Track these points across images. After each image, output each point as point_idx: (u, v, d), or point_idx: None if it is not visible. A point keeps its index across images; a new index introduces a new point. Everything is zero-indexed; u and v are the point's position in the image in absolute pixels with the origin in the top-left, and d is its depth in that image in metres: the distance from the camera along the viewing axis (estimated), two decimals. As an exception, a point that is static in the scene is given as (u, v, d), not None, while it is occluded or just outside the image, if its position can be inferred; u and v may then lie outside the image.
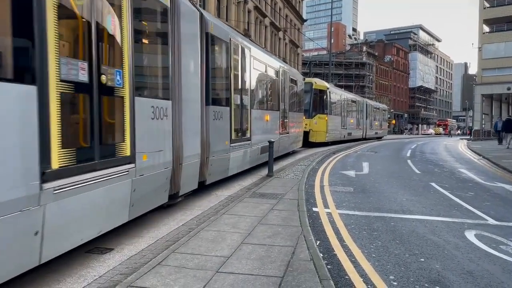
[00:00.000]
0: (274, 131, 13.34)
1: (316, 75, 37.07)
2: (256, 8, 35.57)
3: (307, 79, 22.80)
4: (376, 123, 41.53)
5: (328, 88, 24.56)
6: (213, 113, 7.92)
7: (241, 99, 9.83)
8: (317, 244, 5.26)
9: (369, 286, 4.08)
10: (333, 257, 4.87)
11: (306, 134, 21.28)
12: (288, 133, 15.36)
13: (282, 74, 14.57)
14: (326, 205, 7.70)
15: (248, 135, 10.38)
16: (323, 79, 34.00)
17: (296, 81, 17.29)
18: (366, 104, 36.68)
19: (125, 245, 5.14)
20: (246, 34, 31.22)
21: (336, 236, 5.73)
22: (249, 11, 34.23)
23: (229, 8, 30.21)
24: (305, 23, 58.94)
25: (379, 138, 41.52)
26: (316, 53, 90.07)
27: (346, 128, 28.93)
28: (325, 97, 24.15)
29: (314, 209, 7.39)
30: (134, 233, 5.62)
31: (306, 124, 21.25)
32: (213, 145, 7.96)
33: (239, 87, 9.75)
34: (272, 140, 11.40)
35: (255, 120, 10.95)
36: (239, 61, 9.81)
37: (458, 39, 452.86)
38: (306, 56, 73.08)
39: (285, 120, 15.02)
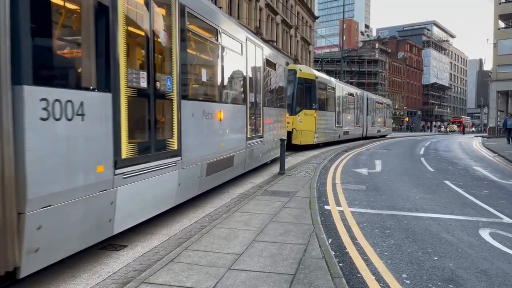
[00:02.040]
0: (236, 135, 8.83)
1: (328, 72, 36.03)
2: (268, 5, 35.51)
3: (290, 66, 18.18)
4: (379, 120, 37.33)
5: (317, 78, 20.13)
6: (44, 104, 3.48)
7: (152, 80, 5.17)
8: (329, 242, 5.25)
9: (381, 284, 4.07)
10: (345, 255, 4.87)
11: (289, 135, 16.78)
12: (261, 137, 10.82)
13: (252, 52, 10.04)
14: (338, 203, 7.68)
15: (173, 146, 5.80)
16: (336, 77, 33.25)
17: (275, 65, 12.70)
18: (367, 98, 32.52)
19: (138, 242, 5.21)
20: (258, 32, 31.23)
21: (348, 234, 5.72)
22: (260, 9, 34.20)
23: (240, 6, 30.23)
24: (317, 20, 58.63)
25: (382, 137, 37.64)
26: (328, 50, 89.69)
27: (341, 126, 24.74)
28: (313, 88, 19.59)
29: (326, 207, 7.37)
30: (147, 230, 5.68)
31: (288, 123, 16.75)
32: (44, 180, 3.54)
33: (146, 56, 5.16)
34: (284, 137, 10.78)
35: (191, 120, 6.40)
36: (146, 6, 5.22)
37: (473, 34, 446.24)
38: (318, 54, 72.76)
39: (257, 119, 10.47)
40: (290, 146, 17.27)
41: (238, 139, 9.01)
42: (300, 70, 19.24)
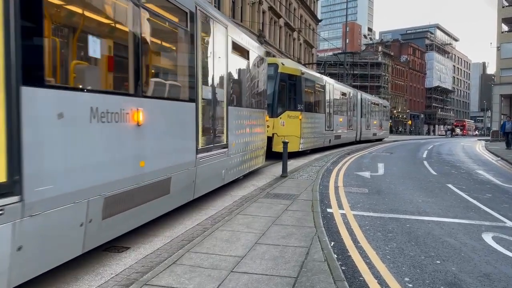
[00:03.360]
0: (174, 147, 5.92)
1: (331, 75, 35.34)
2: (271, 8, 35.61)
3: (270, 59, 15.30)
4: (375, 122, 34.03)
5: (302, 74, 17.16)
6: None
7: None
8: (331, 245, 5.25)
9: (383, 288, 4.06)
10: (347, 258, 4.86)
11: (269, 141, 13.64)
12: (225, 147, 8.04)
13: (208, 28, 7.17)
14: (340, 206, 7.67)
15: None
16: (338, 80, 33.07)
17: (248, 53, 9.80)
18: (362, 98, 29.30)
19: (141, 244, 5.22)
20: (261, 35, 31.31)
21: (350, 237, 5.71)
22: (263, 12, 34.28)
23: (243, 9, 30.32)
24: (320, 23, 58.71)
25: (378, 141, 34.70)
26: (331, 53, 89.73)
27: (332, 130, 21.66)
28: (298, 86, 16.69)
29: (328, 210, 7.37)
30: (150, 232, 5.69)
31: (268, 126, 13.69)
32: None
33: None
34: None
35: (54, 125, 3.46)
36: None
37: (476, 38, 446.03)
38: (321, 56, 72.81)
39: (218, 123, 7.69)
40: (271, 154, 14.08)
41: (180, 152, 6.11)
42: (283, 64, 16.16)
